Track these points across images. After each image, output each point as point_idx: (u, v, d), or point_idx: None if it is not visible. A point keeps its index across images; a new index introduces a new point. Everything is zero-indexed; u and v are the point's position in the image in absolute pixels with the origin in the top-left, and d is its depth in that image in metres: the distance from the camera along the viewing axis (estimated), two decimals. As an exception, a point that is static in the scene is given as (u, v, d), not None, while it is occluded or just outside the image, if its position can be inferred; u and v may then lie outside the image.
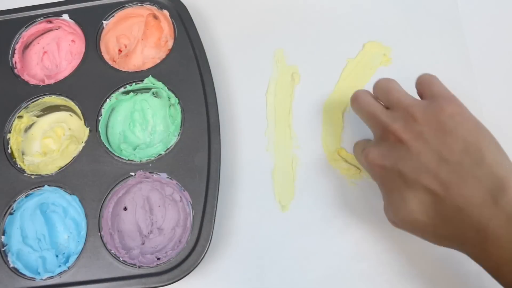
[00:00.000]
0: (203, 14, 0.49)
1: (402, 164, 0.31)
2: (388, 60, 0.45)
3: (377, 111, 0.34)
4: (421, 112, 0.31)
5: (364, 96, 0.36)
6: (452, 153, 0.29)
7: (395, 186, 0.32)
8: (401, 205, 0.31)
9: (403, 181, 0.31)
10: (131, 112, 0.44)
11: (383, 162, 0.32)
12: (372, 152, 0.33)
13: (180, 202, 0.40)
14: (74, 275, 0.37)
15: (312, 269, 0.39)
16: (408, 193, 0.31)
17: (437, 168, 0.29)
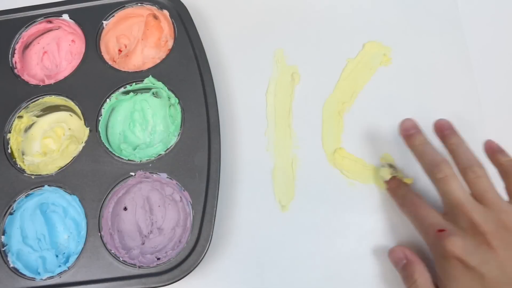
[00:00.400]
0: (203, 14, 0.49)
1: (487, 268, 0.30)
2: (388, 60, 0.45)
3: (466, 204, 0.33)
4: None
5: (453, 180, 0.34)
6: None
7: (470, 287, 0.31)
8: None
9: (482, 286, 0.30)
10: (131, 112, 0.44)
11: (466, 258, 0.31)
12: (456, 242, 0.31)
13: (180, 202, 0.40)
14: (74, 275, 0.37)
15: (311, 269, 0.39)
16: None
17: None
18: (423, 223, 0.34)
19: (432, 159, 0.35)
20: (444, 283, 0.32)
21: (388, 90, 0.44)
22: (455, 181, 0.34)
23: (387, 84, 0.44)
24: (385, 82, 0.44)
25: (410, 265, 0.34)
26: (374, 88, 0.44)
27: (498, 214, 0.32)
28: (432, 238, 0.33)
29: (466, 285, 0.31)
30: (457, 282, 0.31)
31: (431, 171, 0.35)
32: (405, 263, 0.34)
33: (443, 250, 0.32)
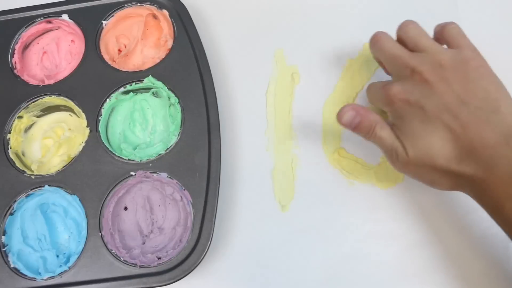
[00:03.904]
0: (203, 14, 0.49)
1: (425, 101, 0.33)
2: (388, 60, 0.45)
3: (403, 54, 0.36)
4: (448, 59, 0.34)
5: (387, 39, 0.37)
6: (473, 98, 0.32)
7: (415, 120, 0.33)
8: (420, 137, 0.33)
9: (425, 116, 0.33)
10: (131, 112, 0.44)
11: (406, 97, 0.34)
12: (395, 87, 0.34)
13: (181, 202, 0.40)
14: (75, 275, 0.37)
15: (311, 269, 0.39)
16: (429, 127, 0.33)
17: (458, 109, 0.32)
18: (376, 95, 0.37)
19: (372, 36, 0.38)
20: (396, 126, 0.35)
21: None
22: (388, 39, 0.37)
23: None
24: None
25: (365, 118, 0.35)
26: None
27: (433, 55, 0.34)
28: (382, 97, 0.36)
29: (410, 118, 0.34)
30: (404, 118, 0.34)
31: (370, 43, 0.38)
32: (360, 119, 0.35)
33: (389, 98, 0.35)
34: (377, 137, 0.35)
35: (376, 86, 0.37)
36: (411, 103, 0.34)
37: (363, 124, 0.35)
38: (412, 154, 0.33)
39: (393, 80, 0.36)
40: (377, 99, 0.37)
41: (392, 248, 0.39)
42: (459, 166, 0.32)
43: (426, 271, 0.38)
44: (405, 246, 0.39)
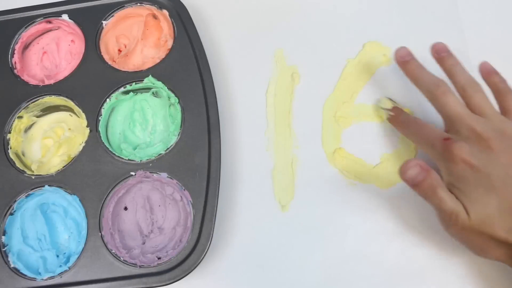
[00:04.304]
0: (203, 14, 0.49)
1: (491, 169, 0.33)
2: (388, 60, 0.45)
3: (468, 115, 0.35)
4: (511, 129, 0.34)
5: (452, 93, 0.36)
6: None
7: (480, 186, 0.33)
8: (484, 205, 0.32)
9: (491, 185, 0.32)
10: (131, 112, 0.44)
11: (472, 160, 0.33)
12: (462, 147, 0.33)
13: (181, 202, 0.40)
14: (75, 275, 0.37)
15: (311, 269, 0.39)
16: (493, 196, 0.32)
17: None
18: (428, 139, 0.36)
19: (430, 79, 0.38)
20: (456, 187, 0.34)
21: (388, 90, 0.44)
22: (454, 96, 0.36)
23: (387, 84, 0.44)
24: (385, 82, 0.44)
25: (428, 176, 0.34)
26: (374, 88, 0.44)
27: (496, 124, 0.35)
28: (439, 148, 0.35)
29: (476, 184, 0.33)
30: (467, 182, 0.33)
31: (430, 90, 0.37)
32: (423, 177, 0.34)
33: (451, 155, 0.33)
34: (438, 197, 0.33)
35: (434, 132, 0.36)
36: (475, 168, 0.33)
37: (425, 183, 0.33)
38: (475, 219, 0.32)
39: (453, 136, 0.35)
40: (429, 147, 0.36)
41: (392, 248, 0.39)
42: None
43: (426, 271, 0.38)
44: (405, 246, 0.39)
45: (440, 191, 0.33)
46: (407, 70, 0.40)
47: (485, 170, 0.33)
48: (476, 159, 0.33)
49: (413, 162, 0.34)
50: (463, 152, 0.33)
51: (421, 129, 0.37)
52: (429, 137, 0.36)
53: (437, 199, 0.33)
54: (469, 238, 0.33)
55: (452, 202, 0.33)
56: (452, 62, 0.38)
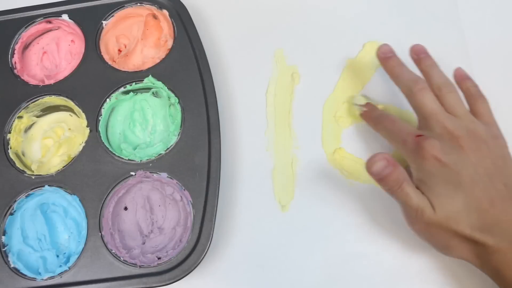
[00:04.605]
0: (203, 14, 0.49)
1: (461, 167, 0.33)
2: (388, 60, 0.45)
3: (441, 112, 0.36)
4: (482, 132, 0.35)
5: (428, 89, 0.37)
6: (501, 176, 0.33)
7: (448, 182, 0.33)
8: (450, 201, 0.33)
9: (458, 182, 0.33)
10: (131, 112, 0.44)
11: (443, 157, 0.33)
12: (433, 143, 0.34)
13: (181, 202, 0.40)
14: (75, 275, 0.37)
15: (311, 269, 0.39)
16: (460, 193, 0.33)
17: (488, 183, 0.33)
18: (400, 134, 0.36)
19: (409, 76, 0.38)
20: (424, 182, 0.34)
21: (388, 90, 0.44)
22: (430, 94, 0.37)
23: (387, 84, 0.44)
24: (385, 82, 0.44)
25: (395, 170, 0.34)
26: (374, 88, 0.44)
27: (468, 124, 0.35)
28: (411, 144, 0.35)
29: (444, 181, 0.33)
30: (436, 178, 0.33)
31: (408, 87, 0.38)
32: (389, 171, 0.34)
33: (422, 151, 0.34)
34: (404, 192, 0.34)
35: (406, 128, 0.36)
36: (445, 165, 0.33)
37: (391, 177, 0.34)
38: (441, 215, 0.33)
39: (425, 133, 0.35)
40: (400, 143, 0.36)
41: (392, 248, 0.39)
42: (482, 235, 0.32)
43: (426, 271, 0.38)
44: (405, 246, 0.39)
45: (406, 186, 0.34)
46: (388, 67, 0.40)
47: (454, 167, 0.33)
48: (446, 156, 0.33)
49: (380, 156, 0.34)
50: (435, 148, 0.33)
51: (393, 125, 0.38)
52: (401, 133, 0.36)
53: (403, 194, 0.34)
54: (434, 234, 0.34)
55: (418, 198, 0.33)
56: (429, 63, 0.39)
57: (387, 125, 0.38)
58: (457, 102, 0.37)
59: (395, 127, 0.37)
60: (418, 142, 0.34)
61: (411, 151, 0.35)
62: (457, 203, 0.33)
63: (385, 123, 0.39)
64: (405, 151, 0.36)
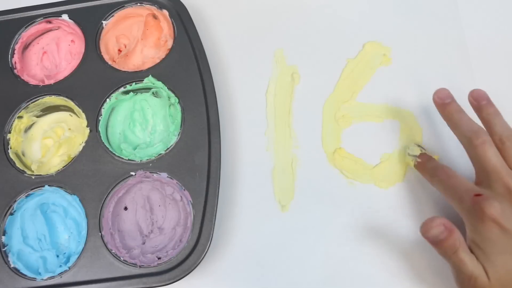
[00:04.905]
0: (203, 14, 0.49)
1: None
2: (388, 60, 0.45)
3: (503, 170, 0.33)
4: None
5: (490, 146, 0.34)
6: None
7: (506, 252, 0.31)
8: (508, 272, 0.31)
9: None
10: (131, 112, 0.44)
11: (504, 222, 0.31)
12: (494, 205, 0.31)
13: (181, 202, 0.40)
14: (75, 275, 0.37)
15: (311, 269, 0.39)
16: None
17: None
18: (457, 191, 0.34)
19: (470, 125, 0.36)
20: (480, 247, 0.32)
21: (388, 90, 0.44)
22: (493, 148, 0.34)
23: (387, 84, 0.44)
24: (385, 82, 0.44)
25: (451, 235, 0.32)
26: (374, 88, 0.44)
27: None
28: (468, 203, 0.33)
29: (503, 248, 0.31)
30: (494, 244, 0.31)
31: (468, 138, 0.35)
32: (445, 236, 0.32)
33: (481, 213, 0.31)
34: (459, 258, 0.32)
35: (464, 185, 0.34)
36: (505, 231, 0.31)
37: (447, 242, 0.32)
38: (495, 284, 0.31)
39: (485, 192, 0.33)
40: (457, 200, 0.34)
41: (392, 248, 0.39)
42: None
43: (426, 271, 0.38)
44: (405, 246, 0.39)
45: (461, 252, 0.32)
46: (446, 113, 0.37)
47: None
48: (507, 221, 0.31)
49: (438, 221, 0.32)
50: (495, 211, 0.31)
51: (449, 179, 0.35)
52: (458, 190, 0.34)
53: (457, 260, 0.32)
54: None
55: (473, 265, 0.32)
56: (491, 111, 0.36)
57: (443, 178, 0.36)
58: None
59: (452, 183, 0.35)
60: (477, 202, 0.32)
61: (468, 210, 0.33)
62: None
63: (441, 176, 0.36)
64: (461, 210, 0.34)
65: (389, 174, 0.41)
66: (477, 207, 0.32)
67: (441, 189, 0.36)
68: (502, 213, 0.31)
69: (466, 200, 0.33)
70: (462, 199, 0.33)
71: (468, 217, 0.33)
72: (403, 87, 0.44)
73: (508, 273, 0.31)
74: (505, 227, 0.31)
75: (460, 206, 0.34)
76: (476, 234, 0.32)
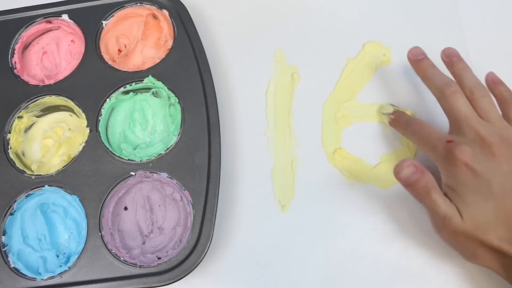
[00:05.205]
0: (203, 14, 0.49)
1: (492, 175, 0.32)
2: (388, 60, 0.45)
3: (474, 117, 0.35)
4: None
5: (461, 93, 0.36)
6: None
7: (479, 192, 0.32)
8: (479, 210, 0.32)
9: (489, 192, 0.32)
10: (131, 112, 0.44)
11: (474, 165, 0.32)
12: (464, 150, 0.33)
13: (181, 202, 0.40)
14: (75, 275, 0.37)
15: (311, 269, 0.39)
16: (490, 203, 0.32)
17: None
18: (430, 139, 0.36)
19: (442, 78, 0.37)
20: (454, 189, 0.33)
21: (388, 90, 0.44)
22: (463, 97, 0.36)
23: (387, 84, 0.44)
24: (385, 82, 0.44)
25: (423, 177, 0.33)
26: (374, 88, 0.44)
27: (501, 130, 0.34)
28: (441, 150, 0.34)
29: (474, 189, 0.33)
30: (466, 186, 0.33)
31: (440, 89, 0.37)
32: (417, 177, 0.33)
33: (453, 158, 0.33)
34: (432, 199, 0.33)
35: (436, 134, 0.36)
36: (476, 173, 0.32)
37: (419, 183, 0.33)
38: (469, 224, 0.32)
39: (456, 138, 0.34)
40: (430, 148, 0.35)
41: (392, 248, 0.39)
42: (510, 247, 0.31)
43: (426, 271, 0.38)
44: (405, 246, 0.39)
45: (434, 193, 0.33)
46: (419, 68, 0.39)
47: (486, 176, 0.32)
48: (478, 164, 0.32)
49: (408, 162, 0.34)
50: (466, 155, 0.33)
51: (422, 130, 0.37)
52: (431, 138, 0.36)
53: (430, 201, 0.33)
54: (461, 242, 0.33)
55: (446, 205, 0.33)
56: (461, 65, 0.38)
57: (416, 129, 0.37)
58: (490, 107, 0.36)
59: (425, 132, 0.37)
60: (449, 148, 0.33)
61: (441, 157, 0.34)
62: (486, 213, 0.32)
63: (414, 127, 0.38)
64: (435, 157, 0.35)
65: (389, 174, 0.41)
66: (449, 153, 0.33)
67: (415, 140, 0.38)
68: (472, 157, 0.33)
69: (439, 147, 0.34)
70: (435, 147, 0.35)
71: (442, 163, 0.34)
72: (403, 87, 0.44)
73: (479, 211, 0.32)
74: (476, 170, 0.32)
75: (434, 153, 0.35)
76: (450, 178, 0.34)
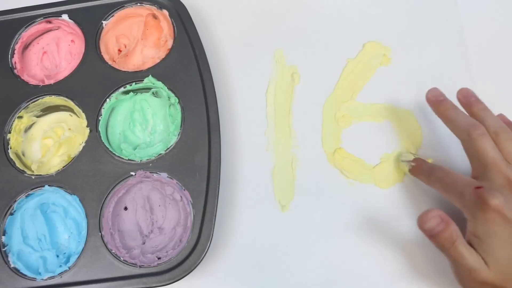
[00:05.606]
0: (203, 14, 0.49)
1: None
2: (388, 60, 0.45)
3: (502, 162, 0.33)
4: None
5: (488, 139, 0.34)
6: None
7: (508, 241, 0.31)
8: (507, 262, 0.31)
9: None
10: (131, 112, 0.44)
11: (506, 212, 0.31)
12: (497, 196, 0.31)
13: (181, 202, 0.40)
14: (75, 275, 0.37)
15: (311, 269, 0.39)
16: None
17: None
18: (456, 186, 0.34)
19: (466, 120, 0.36)
20: (481, 239, 0.32)
21: (388, 90, 0.44)
22: (490, 140, 0.34)
23: (387, 84, 0.44)
24: (385, 82, 0.44)
25: (447, 228, 0.32)
26: (374, 88, 0.44)
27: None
28: (470, 196, 0.32)
29: (505, 239, 0.31)
30: (496, 235, 0.31)
31: (466, 131, 0.35)
32: (442, 228, 0.32)
33: (484, 205, 0.31)
34: (457, 251, 0.32)
35: (463, 180, 0.34)
36: (508, 221, 0.31)
37: (444, 234, 0.32)
38: (498, 275, 0.31)
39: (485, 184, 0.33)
40: (457, 195, 0.34)
41: (392, 248, 0.39)
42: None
43: (426, 271, 0.38)
44: (405, 246, 0.39)
45: (459, 244, 0.32)
46: (440, 110, 0.38)
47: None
48: (510, 211, 0.31)
49: (434, 213, 0.32)
50: (498, 202, 0.31)
51: (448, 176, 0.35)
52: (457, 185, 0.34)
53: (456, 252, 0.32)
54: None
55: (472, 258, 0.32)
56: (481, 106, 0.37)
57: (440, 176, 0.36)
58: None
59: (450, 179, 0.35)
60: (479, 194, 0.32)
61: (469, 204, 0.33)
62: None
63: (438, 174, 0.36)
64: (462, 204, 0.33)
65: (389, 174, 0.41)
66: (480, 199, 0.32)
67: (439, 187, 0.36)
68: (505, 203, 0.31)
69: (467, 194, 0.33)
70: (462, 193, 0.33)
71: (470, 210, 0.33)
72: (403, 87, 0.44)
73: (510, 264, 0.31)
74: (508, 217, 0.31)
75: (461, 201, 0.34)
76: (478, 226, 0.32)
